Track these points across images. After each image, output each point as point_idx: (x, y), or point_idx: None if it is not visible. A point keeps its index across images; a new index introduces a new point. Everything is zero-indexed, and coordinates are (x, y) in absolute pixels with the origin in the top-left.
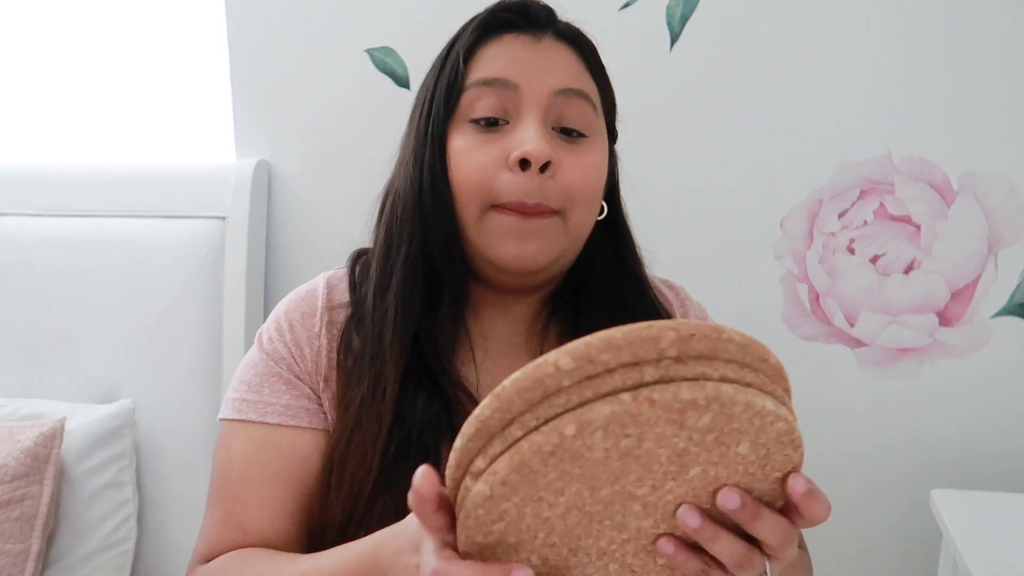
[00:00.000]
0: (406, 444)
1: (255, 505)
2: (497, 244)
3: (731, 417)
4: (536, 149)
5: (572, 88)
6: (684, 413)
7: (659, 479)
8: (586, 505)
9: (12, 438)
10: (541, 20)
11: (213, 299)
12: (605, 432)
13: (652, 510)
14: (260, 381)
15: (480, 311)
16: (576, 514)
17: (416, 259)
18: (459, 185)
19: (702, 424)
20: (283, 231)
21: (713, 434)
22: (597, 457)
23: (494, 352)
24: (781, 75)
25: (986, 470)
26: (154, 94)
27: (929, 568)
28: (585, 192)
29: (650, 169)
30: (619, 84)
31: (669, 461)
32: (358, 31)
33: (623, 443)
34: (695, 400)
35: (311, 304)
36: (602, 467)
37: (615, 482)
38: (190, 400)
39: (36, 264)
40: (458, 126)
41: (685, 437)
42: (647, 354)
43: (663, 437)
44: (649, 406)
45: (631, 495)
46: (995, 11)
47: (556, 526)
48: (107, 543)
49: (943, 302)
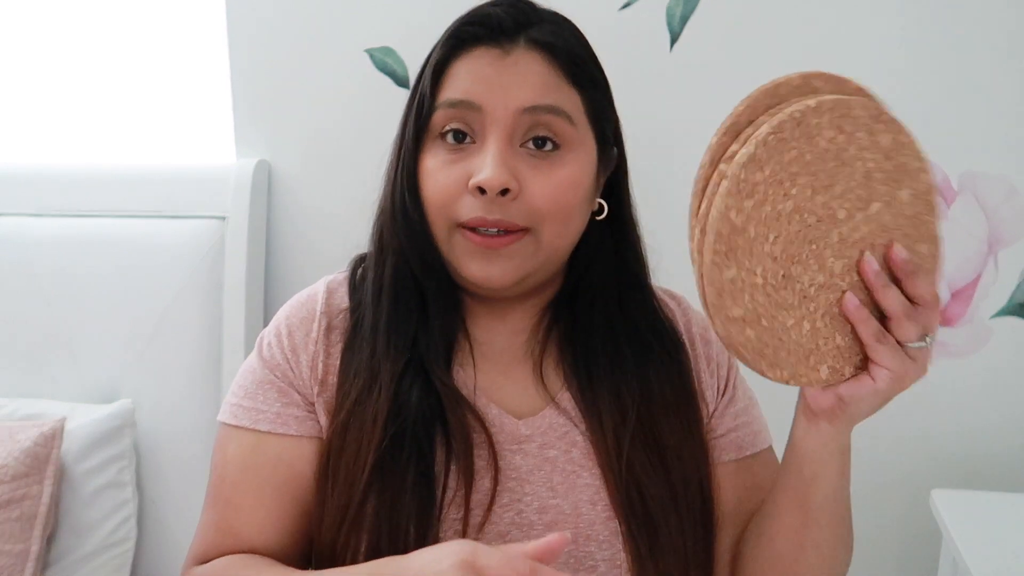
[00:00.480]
0: (399, 437)
1: (246, 511)
2: (463, 263)
3: (902, 147)
4: (491, 178)
5: (540, 105)
6: (878, 122)
7: (853, 205)
8: (806, 212)
9: (12, 438)
10: (509, 30)
11: (213, 299)
12: (831, 116)
13: (843, 250)
14: (255, 388)
15: (478, 318)
16: (797, 222)
17: (403, 269)
18: (428, 205)
19: (884, 143)
20: (283, 231)
21: (890, 163)
22: (822, 147)
23: (493, 358)
24: (781, 75)
25: (986, 470)
26: (154, 94)
27: (929, 568)
28: (555, 209)
29: (650, 169)
30: (619, 84)
31: (861, 184)
32: (358, 31)
33: (840, 139)
34: (884, 114)
35: (310, 309)
36: (823, 164)
37: (828, 189)
38: (190, 400)
39: (36, 264)
40: (430, 142)
41: (873, 156)
42: (841, 90)
43: (861, 147)
44: (860, 102)
45: (834, 216)
46: (995, 11)
47: (782, 230)
48: (107, 543)
49: (943, 302)
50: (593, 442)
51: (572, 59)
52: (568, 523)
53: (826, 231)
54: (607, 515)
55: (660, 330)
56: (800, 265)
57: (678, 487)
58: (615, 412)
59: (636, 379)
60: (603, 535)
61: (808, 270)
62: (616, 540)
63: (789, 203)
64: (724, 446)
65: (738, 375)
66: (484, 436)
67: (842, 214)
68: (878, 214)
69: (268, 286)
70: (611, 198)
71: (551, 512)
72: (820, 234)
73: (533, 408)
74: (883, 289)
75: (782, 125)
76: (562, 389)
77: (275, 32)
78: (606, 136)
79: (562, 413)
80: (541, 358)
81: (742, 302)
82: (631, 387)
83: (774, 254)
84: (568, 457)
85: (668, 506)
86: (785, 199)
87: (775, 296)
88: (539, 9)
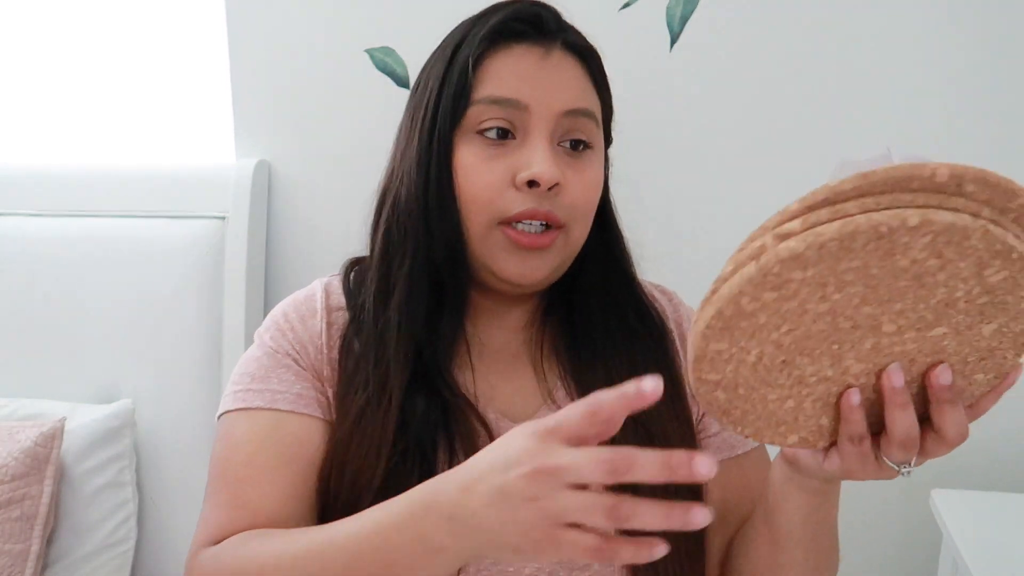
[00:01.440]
0: (405, 450)
1: (264, 486)
2: (500, 261)
3: (1013, 288)
4: (545, 172)
5: (579, 108)
6: (995, 258)
7: (909, 323)
8: (841, 317)
9: (12, 438)
10: (552, 30)
11: (213, 299)
12: (933, 239)
13: (873, 357)
14: (266, 372)
15: (478, 317)
16: (825, 325)
17: (420, 270)
18: (466, 200)
19: (992, 280)
20: (283, 231)
21: (986, 299)
22: (900, 266)
23: (490, 358)
24: (781, 75)
25: (986, 470)
26: (154, 94)
27: (929, 568)
28: (587, 208)
29: (650, 169)
30: (619, 84)
31: (933, 308)
32: (358, 31)
33: (931, 263)
34: (1014, 249)
35: (311, 306)
36: (891, 280)
37: (884, 303)
38: (190, 400)
39: (36, 264)
40: (464, 136)
41: (968, 288)
42: (1001, 202)
43: (957, 276)
44: (982, 235)
45: (877, 327)
46: (995, 11)
47: (802, 326)
48: (107, 543)
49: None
50: None
51: (598, 66)
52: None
53: (859, 338)
54: None
55: (649, 323)
56: (808, 358)
57: (671, 487)
58: None
59: (628, 373)
60: None
61: (816, 363)
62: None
63: (824, 305)
64: (717, 445)
65: None
66: (488, 442)
67: (890, 328)
68: (940, 338)
69: (268, 286)
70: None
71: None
72: (850, 339)
73: (529, 408)
74: (897, 410)
75: (857, 233)
76: (558, 386)
77: (275, 32)
78: (609, 139)
79: None
80: (541, 356)
81: (722, 370)
82: (622, 379)
83: (781, 342)
84: None
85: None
86: (821, 301)
87: (764, 375)
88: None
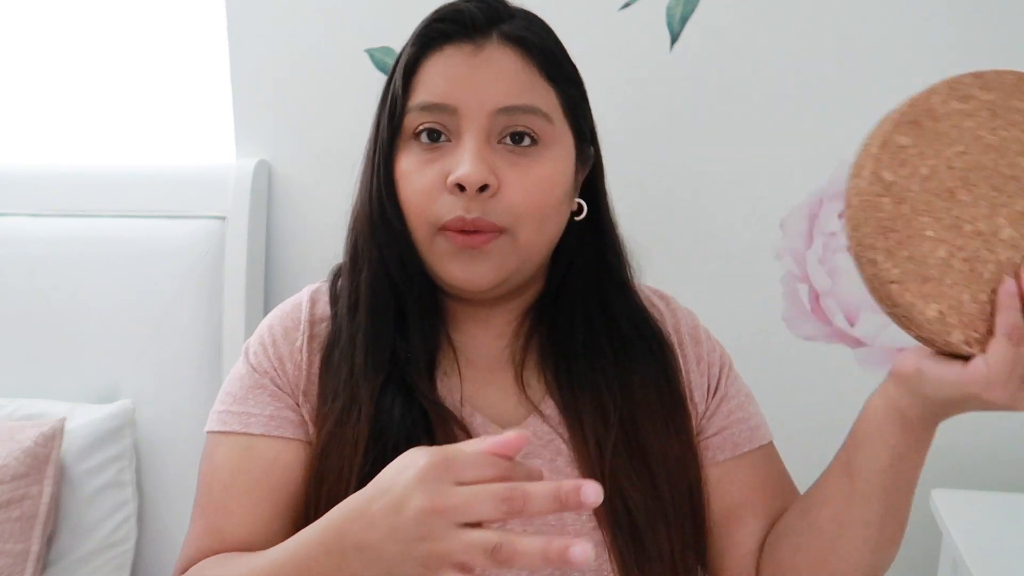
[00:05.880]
0: (382, 461)
1: (237, 515)
2: (445, 266)
3: None
4: (470, 173)
5: (516, 105)
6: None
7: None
8: (1005, 160)
9: (12, 438)
10: (480, 25)
11: (213, 299)
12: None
13: (1021, 224)
14: (245, 393)
15: (460, 324)
16: (991, 161)
17: (379, 277)
18: (407, 207)
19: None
20: (283, 231)
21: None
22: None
23: (477, 365)
24: (781, 75)
25: (986, 470)
26: (154, 94)
27: (929, 568)
28: (532, 209)
29: (649, 169)
30: (619, 84)
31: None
32: (358, 31)
33: None
34: None
35: (294, 318)
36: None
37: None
38: (190, 400)
39: (36, 264)
40: (405, 144)
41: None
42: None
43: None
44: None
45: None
46: (994, 11)
47: (973, 152)
48: (107, 543)
49: None
50: (576, 450)
51: (546, 54)
52: (554, 533)
53: (1015, 192)
54: (592, 525)
55: (644, 331)
56: (971, 195)
57: (664, 493)
58: (597, 418)
59: (618, 382)
60: None
61: (975, 206)
62: (603, 550)
63: (994, 138)
64: (718, 444)
65: (731, 372)
66: None
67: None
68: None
69: (268, 286)
70: (589, 198)
71: (535, 523)
72: (1007, 189)
73: (517, 416)
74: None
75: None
76: (545, 396)
77: (275, 32)
78: (583, 133)
79: (546, 421)
80: (522, 365)
81: (897, 172)
82: (612, 391)
83: (953, 164)
84: (553, 466)
85: (654, 513)
86: (992, 132)
87: (930, 199)
88: (509, 5)
